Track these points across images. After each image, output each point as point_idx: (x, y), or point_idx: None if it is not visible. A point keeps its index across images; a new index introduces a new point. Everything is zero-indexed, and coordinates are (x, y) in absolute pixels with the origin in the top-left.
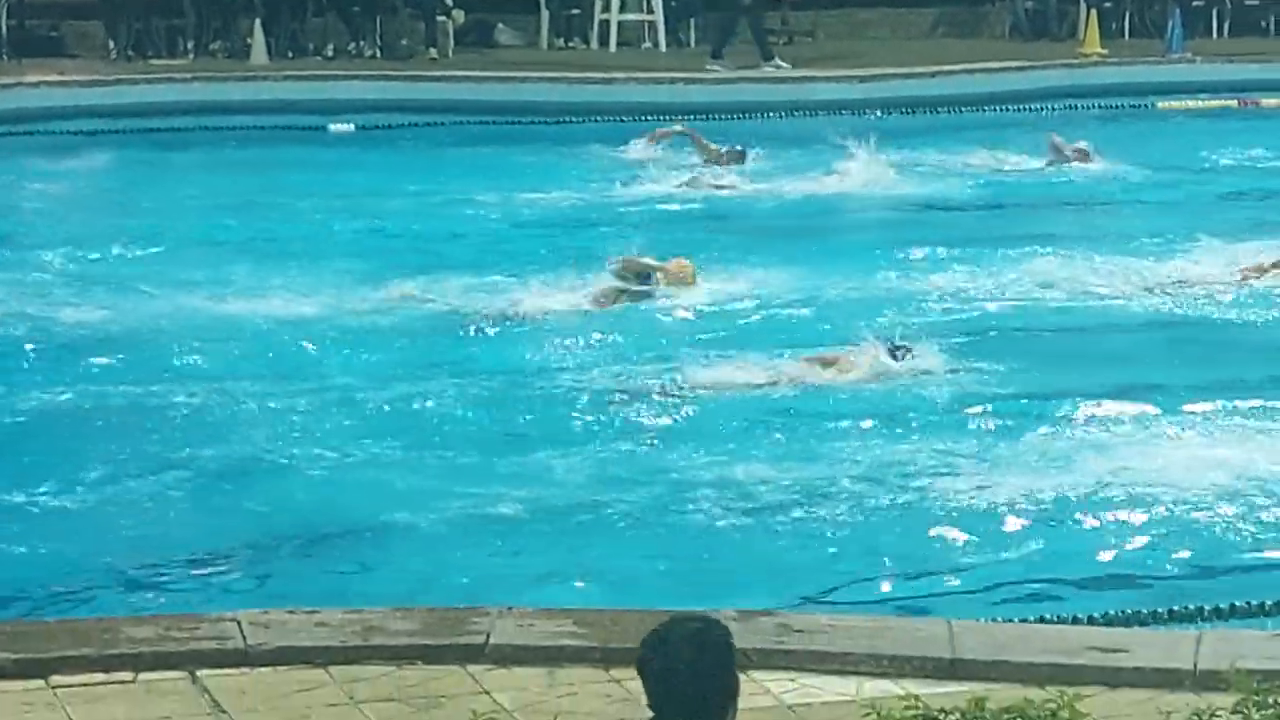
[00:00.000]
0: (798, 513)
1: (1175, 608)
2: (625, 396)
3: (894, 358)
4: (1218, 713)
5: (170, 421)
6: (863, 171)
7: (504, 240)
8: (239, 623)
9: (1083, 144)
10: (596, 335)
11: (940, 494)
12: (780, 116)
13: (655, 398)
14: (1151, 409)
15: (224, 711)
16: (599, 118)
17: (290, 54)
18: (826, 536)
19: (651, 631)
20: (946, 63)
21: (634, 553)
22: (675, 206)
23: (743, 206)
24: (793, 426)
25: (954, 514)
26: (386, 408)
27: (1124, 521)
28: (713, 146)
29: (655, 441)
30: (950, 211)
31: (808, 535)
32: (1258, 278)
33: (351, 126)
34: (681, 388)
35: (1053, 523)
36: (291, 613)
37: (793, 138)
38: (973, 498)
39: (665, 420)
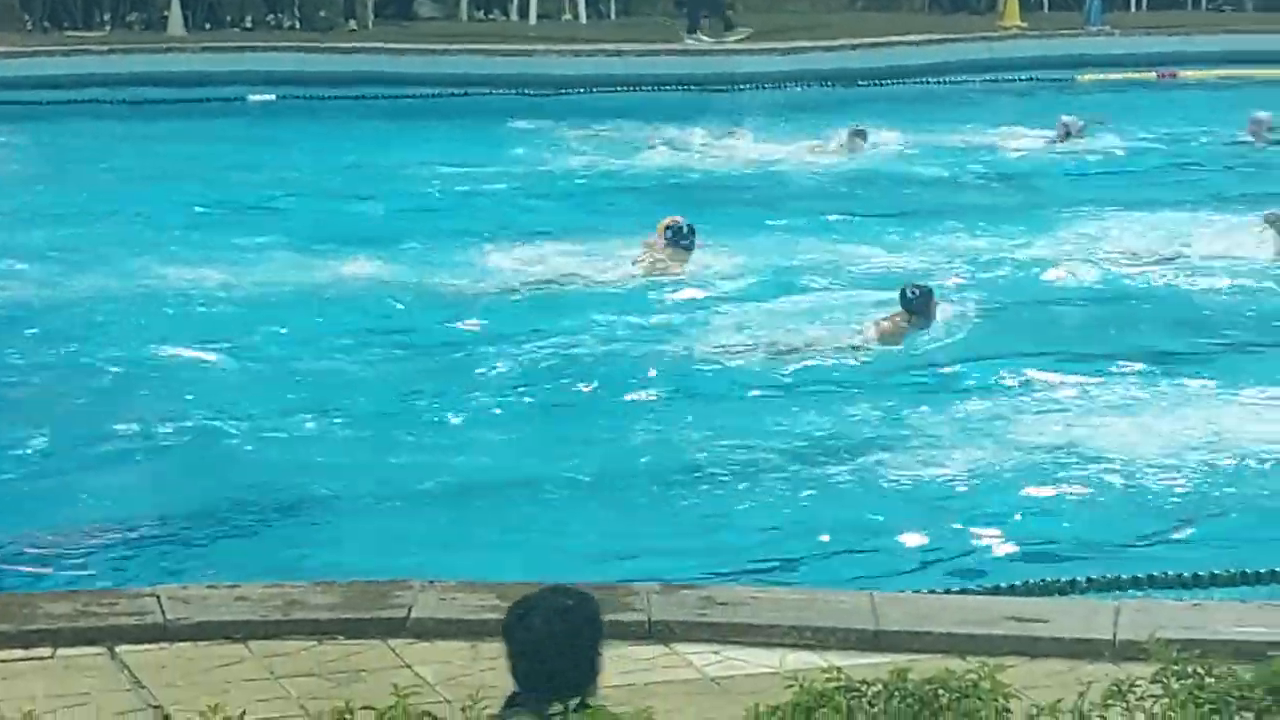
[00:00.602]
0: (723, 485)
1: (1094, 577)
2: (557, 369)
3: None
4: (1137, 683)
5: (89, 395)
6: (782, 145)
7: (424, 211)
8: (158, 598)
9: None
10: (517, 309)
11: (864, 467)
12: (703, 90)
13: (582, 371)
14: (1071, 382)
15: (143, 687)
16: (519, 90)
17: (208, 25)
18: (751, 509)
19: (519, 601)
20: (866, 36)
21: (559, 525)
22: (595, 179)
23: (665, 178)
24: (722, 399)
25: (877, 487)
26: (307, 381)
27: (1045, 493)
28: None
29: (582, 415)
30: (867, 184)
31: (733, 508)
32: (1179, 251)
33: (272, 97)
34: (607, 360)
35: (974, 495)
36: (211, 587)
37: (715, 111)
38: (896, 471)
39: (593, 394)
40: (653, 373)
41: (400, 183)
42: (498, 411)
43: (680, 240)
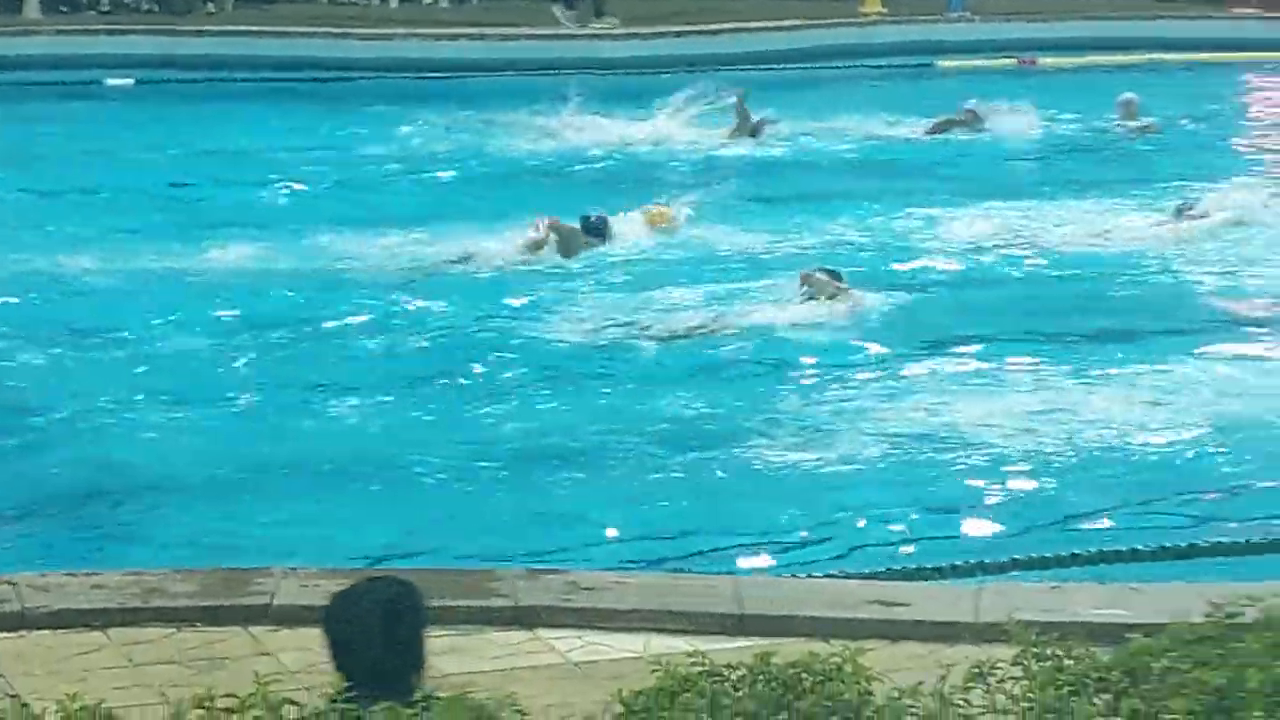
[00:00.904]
0: (590, 469)
1: (956, 562)
2: (427, 354)
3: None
4: (998, 665)
5: None
6: (650, 130)
7: (282, 195)
8: (16, 585)
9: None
10: (385, 292)
11: (730, 451)
12: (569, 74)
13: (451, 356)
14: (938, 370)
15: (1, 675)
16: (379, 74)
17: (64, 8)
18: (617, 494)
19: (339, 594)
20: (729, 21)
21: (424, 510)
22: (457, 163)
23: (527, 162)
24: (594, 382)
25: (744, 473)
26: (167, 367)
27: (909, 479)
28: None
29: (450, 400)
30: (734, 166)
31: (599, 492)
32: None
33: (130, 81)
34: (477, 345)
35: (839, 481)
36: (70, 575)
37: (576, 95)
38: (765, 457)
39: (462, 378)
40: (524, 357)
41: (259, 167)
42: (362, 397)
43: (589, 228)
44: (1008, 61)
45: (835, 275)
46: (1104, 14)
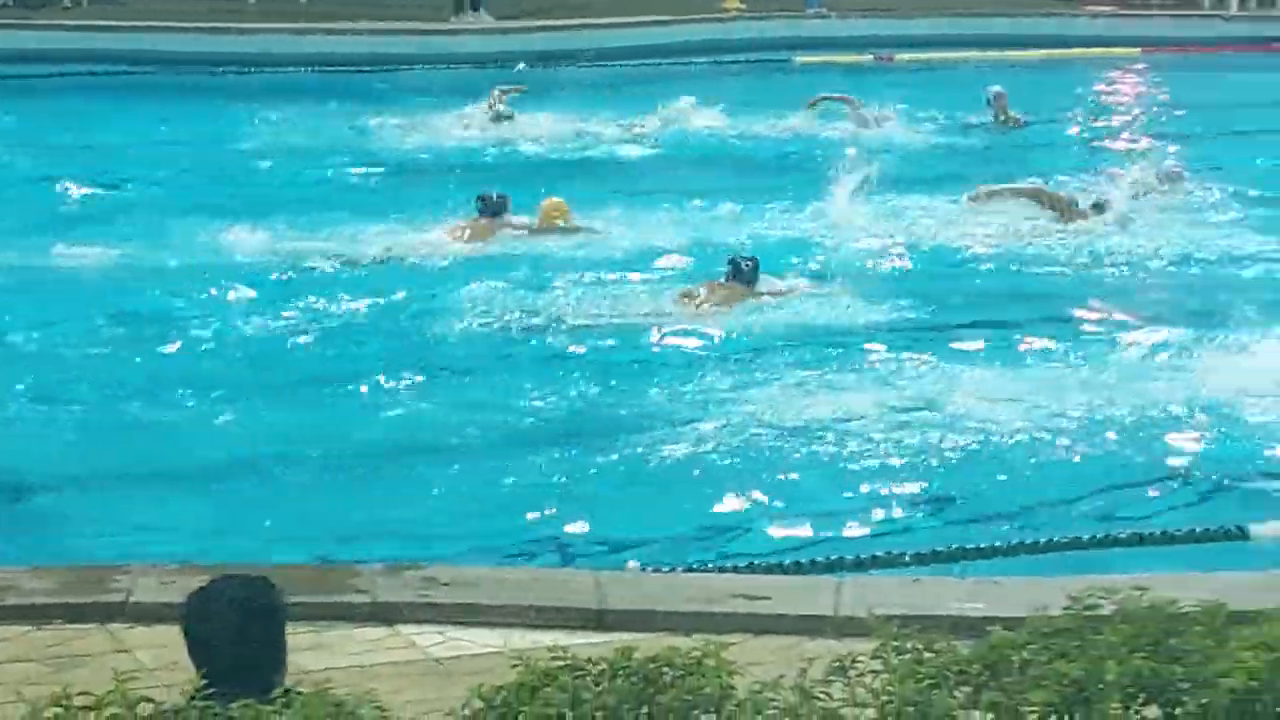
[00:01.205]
0: (454, 463)
1: (818, 557)
2: (297, 350)
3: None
4: (858, 658)
5: None
6: (510, 126)
7: (141, 189)
8: None
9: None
10: (252, 286)
11: (596, 446)
12: (423, 68)
13: (321, 352)
14: (812, 365)
15: None
16: (240, 68)
17: None
18: (479, 487)
19: (195, 593)
20: (589, 17)
21: (283, 507)
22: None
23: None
24: (447, 376)
25: (606, 466)
26: (25, 365)
27: (769, 472)
28: (863, 112)
29: (312, 395)
30: (601, 162)
31: (460, 486)
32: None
33: None
34: (349, 340)
35: (699, 473)
36: None
37: (436, 89)
38: (623, 448)
39: (331, 373)
40: (394, 351)
41: (116, 162)
42: (223, 392)
43: (491, 211)
44: (865, 58)
45: (748, 267)
46: (961, 11)
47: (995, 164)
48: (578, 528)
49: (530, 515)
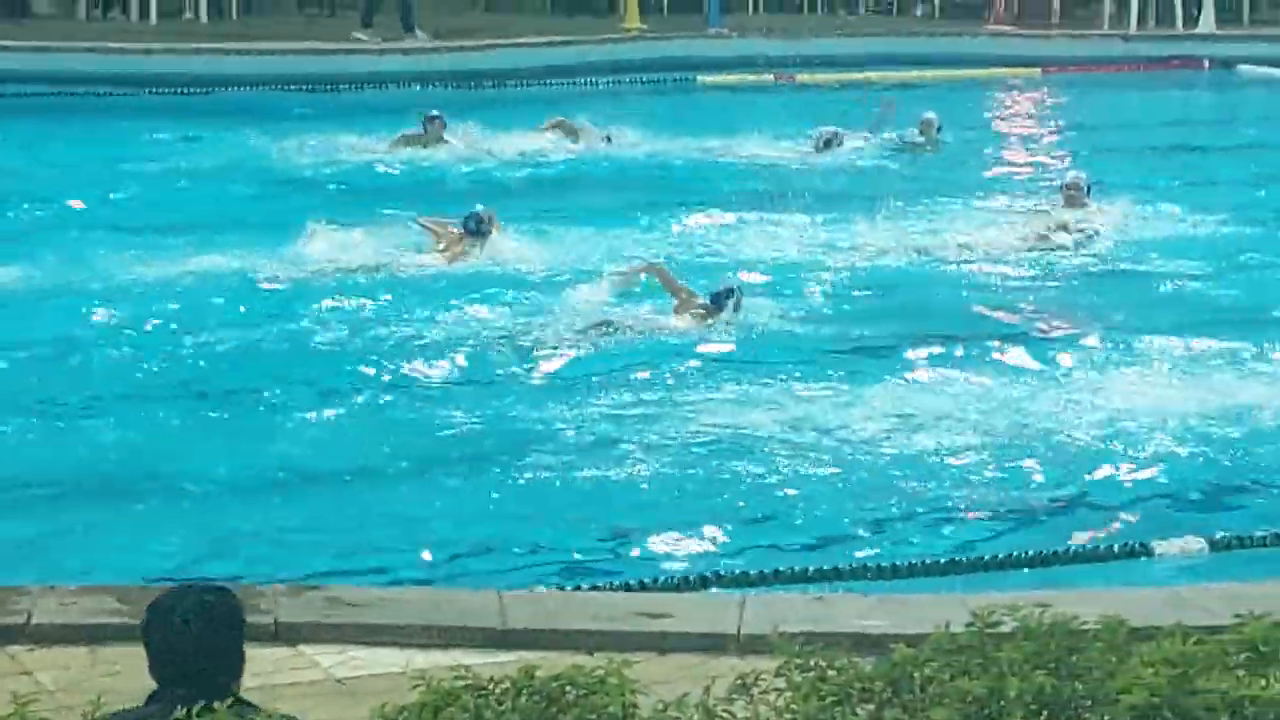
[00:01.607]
0: (354, 481)
1: (720, 573)
2: (201, 363)
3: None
4: (762, 676)
5: None
6: (441, 148)
7: (45, 212)
8: None
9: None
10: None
11: (492, 462)
12: (329, 89)
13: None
14: (715, 380)
15: None
16: (137, 89)
17: None
18: (380, 506)
19: (156, 599)
20: (489, 37)
21: (184, 525)
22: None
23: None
24: (353, 395)
25: (509, 485)
26: None
27: (671, 487)
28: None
29: (217, 411)
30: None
31: (362, 504)
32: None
33: None
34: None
35: (599, 490)
36: None
37: (342, 110)
38: (530, 468)
39: (226, 390)
40: (309, 370)
41: (19, 179)
42: (132, 412)
43: (472, 226)
44: (766, 78)
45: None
46: (862, 31)
47: (915, 182)
48: (479, 546)
49: (430, 534)
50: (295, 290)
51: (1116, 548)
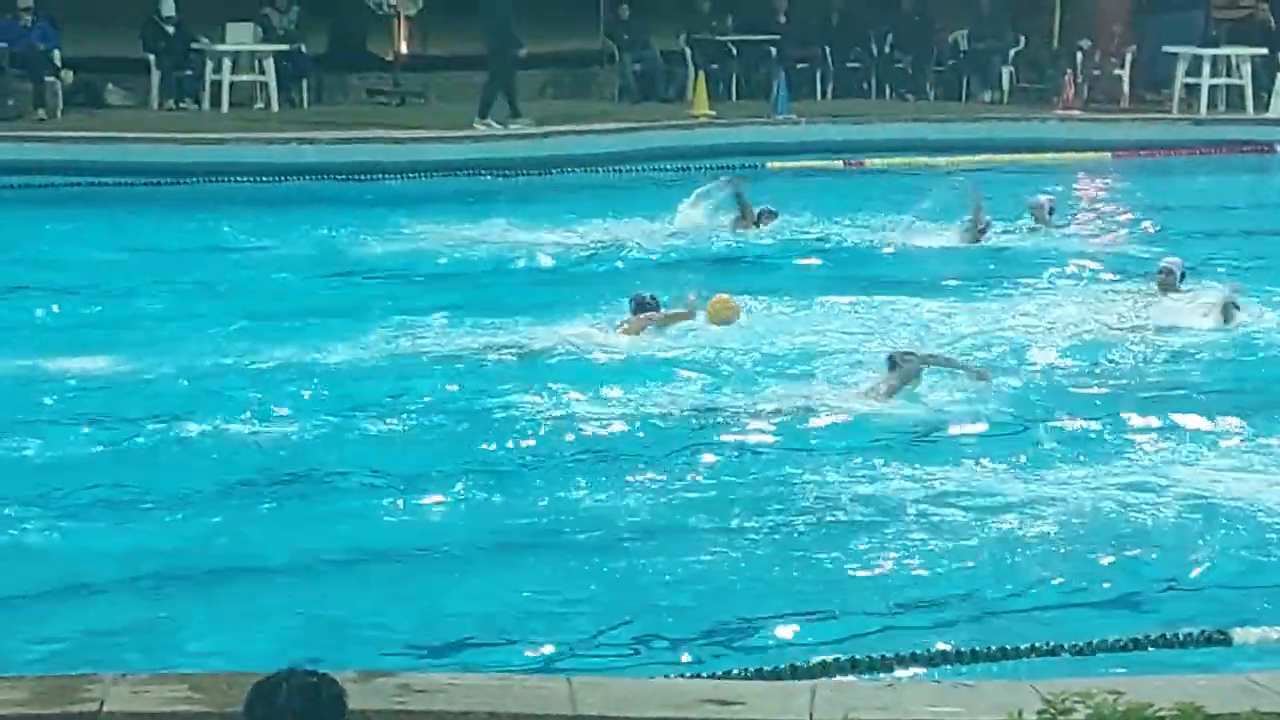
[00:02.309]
0: (424, 565)
1: (794, 663)
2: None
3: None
4: None
5: None
6: (483, 232)
7: (122, 302)
8: None
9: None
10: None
11: (554, 546)
12: (397, 177)
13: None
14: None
15: None
16: (211, 178)
17: None
18: (452, 591)
19: (261, 682)
20: (556, 124)
21: (254, 612)
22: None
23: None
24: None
25: (570, 567)
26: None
27: (740, 575)
28: (750, 208)
29: (261, 497)
30: (572, 268)
31: (433, 589)
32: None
33: None
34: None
35: (668, 577)
36: None
37: (410, 198)
38: (586, 552)
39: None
40: (376, 451)
41: (102, 271)
42: (197, 495)
43: (645, 309)
44: (834, 163)
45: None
46: (929, 116)
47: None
48: (549, 632)
49: (503, 621)
50: (365, 375)
51: (1195, 635)
